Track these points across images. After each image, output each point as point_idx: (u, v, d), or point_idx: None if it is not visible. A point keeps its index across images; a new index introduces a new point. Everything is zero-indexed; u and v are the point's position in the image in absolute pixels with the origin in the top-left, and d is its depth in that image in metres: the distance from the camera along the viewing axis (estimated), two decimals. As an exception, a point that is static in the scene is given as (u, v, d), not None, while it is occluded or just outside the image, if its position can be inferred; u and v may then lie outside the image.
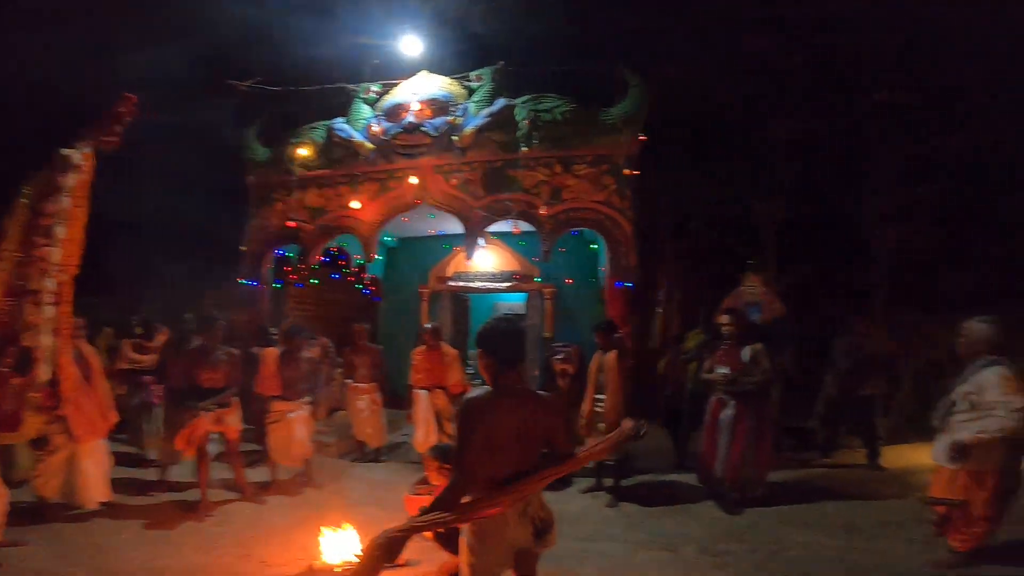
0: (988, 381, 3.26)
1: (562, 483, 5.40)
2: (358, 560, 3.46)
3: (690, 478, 5.24)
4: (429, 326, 5.89)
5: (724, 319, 4.95)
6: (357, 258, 7.52)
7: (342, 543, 3.60)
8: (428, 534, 3.58)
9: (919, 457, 5.18)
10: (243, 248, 7.02)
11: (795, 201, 8.44)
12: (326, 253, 8.24)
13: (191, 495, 4.75)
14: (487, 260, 8.85)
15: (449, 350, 5.97)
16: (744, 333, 4.86)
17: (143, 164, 6.47)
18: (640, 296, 8.93)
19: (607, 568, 3.59)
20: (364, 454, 6.37)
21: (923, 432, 4.30)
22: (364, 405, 6.28)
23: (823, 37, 7.60)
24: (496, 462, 2.26)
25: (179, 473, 5.14)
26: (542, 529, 2.38)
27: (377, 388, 6.28)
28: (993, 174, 8.07)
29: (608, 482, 5.03)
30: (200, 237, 7.11)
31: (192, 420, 4.53)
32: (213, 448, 4.82)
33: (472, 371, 11.93)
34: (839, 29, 7.56)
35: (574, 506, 4.82)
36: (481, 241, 8.67)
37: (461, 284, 8.98)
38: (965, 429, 3.29)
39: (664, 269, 9.39)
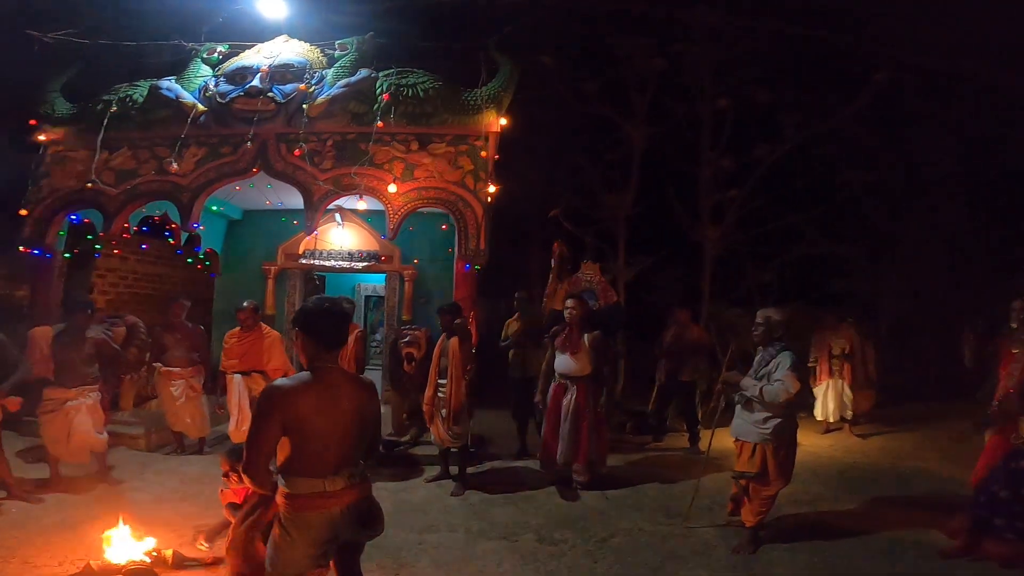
0: (782, 363, 3.62)
1: (410, 471, 5.33)
2: (148, 559, 3.12)
3: (533, 464, 5.32)
4: (246, 304, 5.38)
5: (569, 303, 4.97)
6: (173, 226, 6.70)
7: (129, 541, 3.17)
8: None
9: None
10: (23, 211, 5.90)
11: (642, 197, 9.10)
12: (147, 222, 7.26)
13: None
14: (344, 238, 8.40)
15: (270, 332, 5.52)
16: (585, 319, 4.94)
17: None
18: (502, 281, 9.12)
19: (444, 560, 3.52)
20: (185, 446, 5.71)
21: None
22: (179, 392, 5.58)
23: (679, 44, 8.21)
24: (319, 450, 2.11)
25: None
26: (368, 518, 2.27)
27: (196, 373, 5.64)
28: (795, 183, 9.44)
29: (455, 470, 4.96)
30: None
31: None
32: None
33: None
34: (693, 38, 8.22)
35: (418, 496, 4.70)
36: (338, 218, 8.24)
37: (314, 262, 8.44)
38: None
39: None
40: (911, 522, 4.15)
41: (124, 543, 3.15)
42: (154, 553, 3.20)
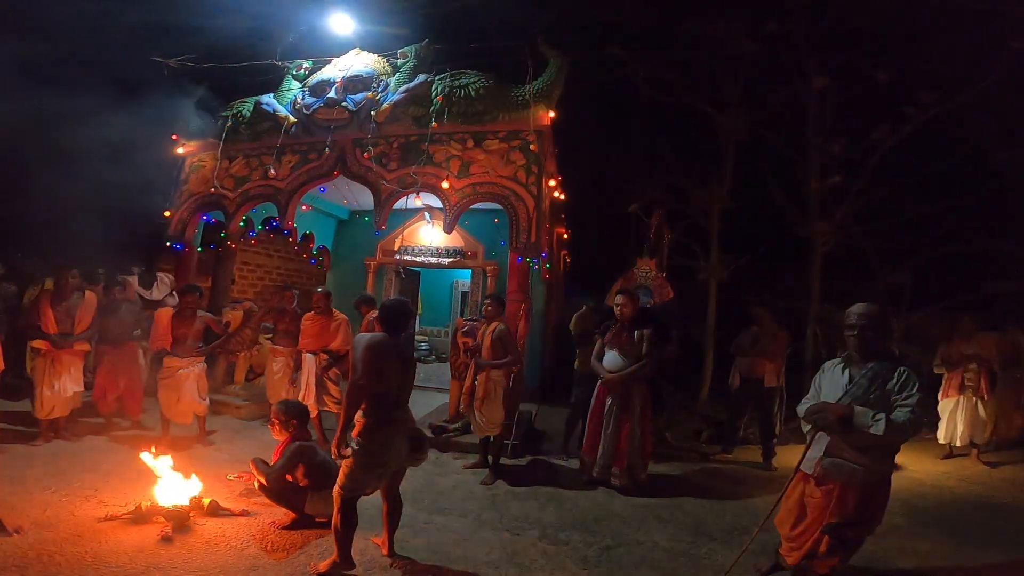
0: (908, 384, 2.75)
1: (453, 456, 5.52)
2: (190, 503, 3.67)
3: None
4: (320, 290, 5.95)
5: (619, 300, 4.85)
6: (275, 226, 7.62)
7: (177, 486, 3.75)
8: (258, 488, 3.74)
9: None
10: (167, 213, 7.15)
11: (736, 190, 8.38)
12: (268, 222, 8.38)
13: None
14: (433, 235, 8.97)
15: (339, 315, 6.03)
16: (635, 315, 4.79)
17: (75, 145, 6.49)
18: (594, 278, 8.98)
19: (439, 542, 3.57)
20: (279, 417, 6.53)
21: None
22: (278, 367, 6.37)
23: (767, 22, 7.45)
24: (391, 388, 2.94)
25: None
26: (417, 446, 3.04)
27: (297, 353, 6.37)
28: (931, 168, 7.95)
29: (491, 459, 5.02)
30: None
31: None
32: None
33: (426, 348, 12.14)
34: (783, 15, 7.41)
35: (450, 480, 4.83)
36: (428, 216, 8.82)
37: (407, 258, 9.13)
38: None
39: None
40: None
41: (172, 490, 3.74)
42: (194, 499, 3.76)
